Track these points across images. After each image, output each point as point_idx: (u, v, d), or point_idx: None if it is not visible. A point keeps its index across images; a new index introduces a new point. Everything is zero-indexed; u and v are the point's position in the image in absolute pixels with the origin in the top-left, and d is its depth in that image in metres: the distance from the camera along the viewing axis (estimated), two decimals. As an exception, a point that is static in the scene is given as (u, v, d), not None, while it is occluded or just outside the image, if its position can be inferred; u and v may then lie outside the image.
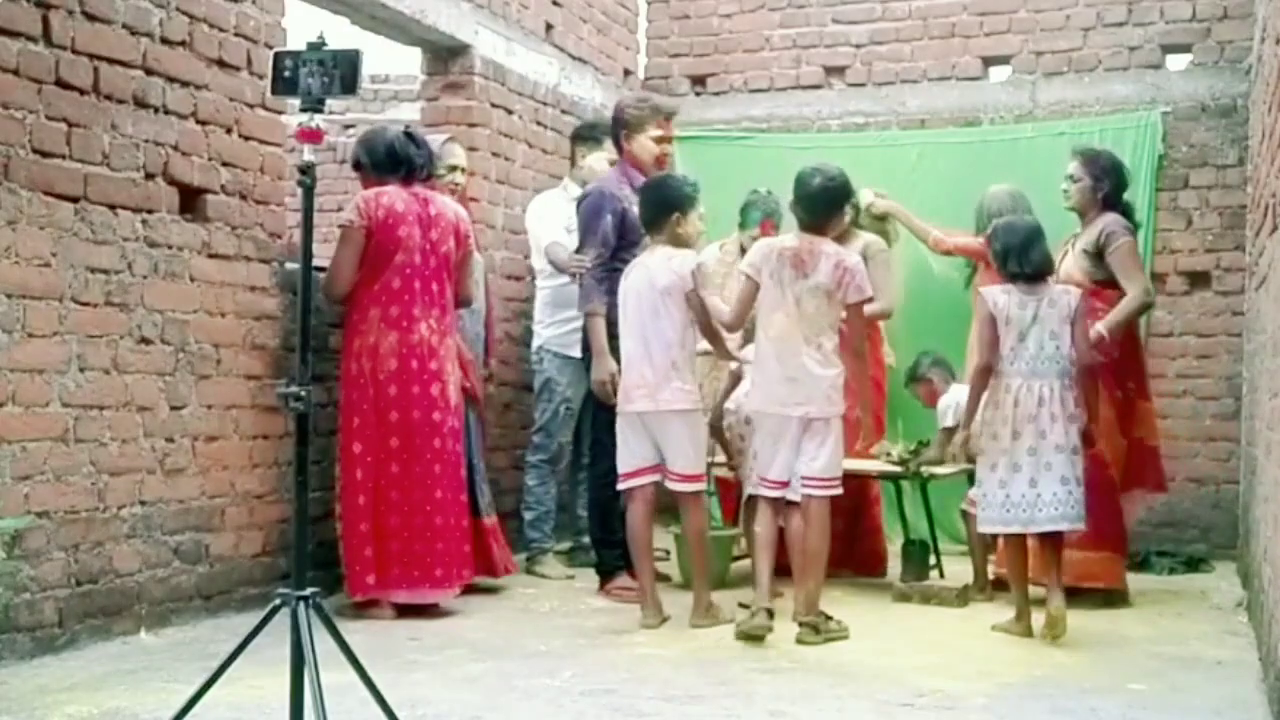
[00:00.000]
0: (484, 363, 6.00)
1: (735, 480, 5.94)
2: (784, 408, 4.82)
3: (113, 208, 4.42)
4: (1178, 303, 7.09)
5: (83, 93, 4.30)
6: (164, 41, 4.62)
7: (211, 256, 4.84)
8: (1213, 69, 7.24)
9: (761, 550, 4.88)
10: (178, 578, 4.70)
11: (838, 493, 4.89)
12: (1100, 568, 5.48)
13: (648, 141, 5.64)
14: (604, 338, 5.37)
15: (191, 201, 4.78)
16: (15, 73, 4.07)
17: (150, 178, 4.58)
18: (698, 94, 8.20)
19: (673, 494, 5.10)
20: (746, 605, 4.87)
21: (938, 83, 7.75)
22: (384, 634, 4.70)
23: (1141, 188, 7.17)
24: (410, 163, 5.20)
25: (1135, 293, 5.52)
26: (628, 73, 8.15)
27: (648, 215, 5.19)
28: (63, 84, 4.23)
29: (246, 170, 5.02)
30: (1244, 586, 5.82)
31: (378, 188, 5.17)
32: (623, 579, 5.53)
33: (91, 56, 4.33)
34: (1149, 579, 6.16)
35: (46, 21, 4.17)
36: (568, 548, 6.55)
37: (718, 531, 6.20)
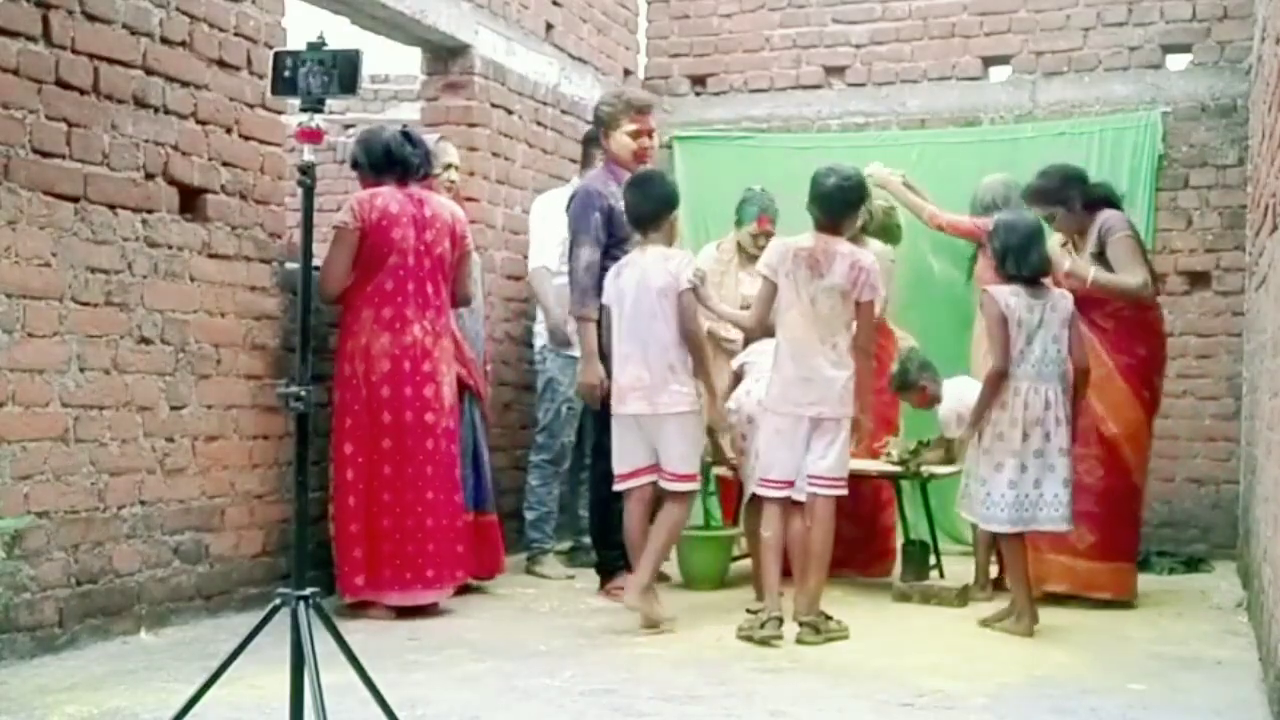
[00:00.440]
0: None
1: (735, 480, 5.94)
2: (797, 407, 4.81)
3: (113, 208, 4.43)
4: (1178, 303, 7.08)
5: (83, 93, 4.30)
6: (164, 41, 4.62)
7: (211, 256, 4.85)
8: (1213, 69, 7.24)
9: (769, 554, 4.86)
10: (178, 578, 4.70)
11: (843, 493, 4.89)
12: (1108, 578, 5.46)
13: (623, 137, 5.60)
14: (595, 342, 5.36)
15: (191, 201, 4.78)
16: (15, 73, 4.07)
17: (150, 178, 4.58)
18: (698, 94, 8.20)
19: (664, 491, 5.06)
20: (754, 611, 4.87)
21: (938, 83, 7.75)
22: (384, 634, 4.70)
23: (1141, 188, 7.18)
24: (406, 163, 5.20)
25: (1135, 280, 5.44)
26: (628, 73, 8.15)
27: (644, 212, 5.09)
28: (63, 84, 4.23)
29: (246, 170, 5.03)
30: (1244, 586, 5.82)
31: (372, 189, 5.17)
32: (623, 579, 5.51)
33: (91, 56, 4.33)
34: (1149, 579, 6.15)
35: (46, 21, 4.17)
36: (568, 548, 6.55)
37: (718, 531, 6.21)
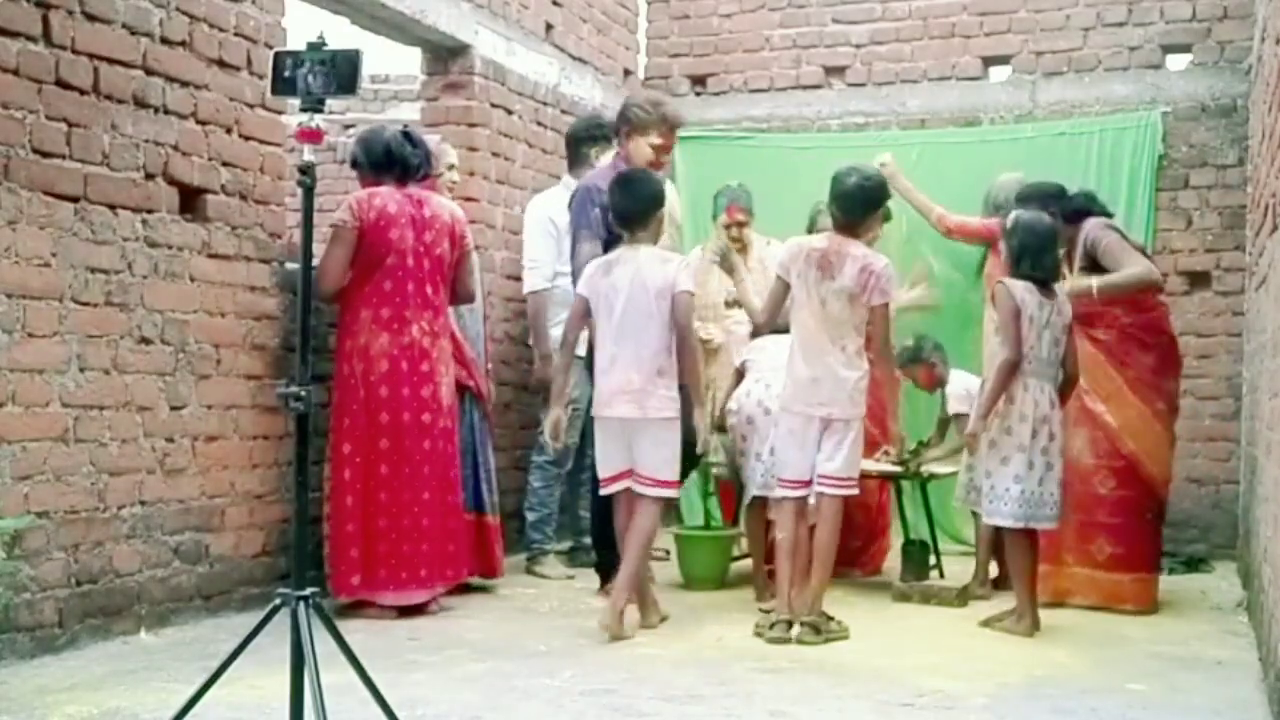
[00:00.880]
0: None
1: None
2: (808, 407, 4.80)
3: (113, 208, 4.42)
4: (1178, 303, 7.06)
5: (83, 93, 4.30)
6: (164, 41, 4.62)
7: (211, 256, 4.84)
8: (1213, 69, 7.24)
9: (785, 557, 4.83)
10: (178, 578, 4.70)
11: (853, 493, 4.88)
12: (1130, 589, 5.41)
13: (646, 146, 5.54)
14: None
15: (191, 201, 4.78)
16: (15, 73, 4.07)
17: (150, 178, 4.58)
18: (698, 94, 8.20)
19: (635, 496, 4.90)
20: (767, 610, 4.85)
21: (938, 83, 7.76)
22: (384, 634, 4.70)
23: (1141, 188, 7.18)
24: (406, 163, 5.20)
25: (1138, 270, 5.41)
26: (628, 73, 8.15)
27: (632, 210, 4.98)
28: (63, 84, 4.23)
29: (246, 170, 5.02)
30: (1244, 586, 5.82)
31: (371, 188, 5.17)
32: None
33: (91, 56, 4.33)
34: (1149, 579, 6.16)
35: (46, 21, 4.17)
36: (568, 548, 6.55)
37: (718, 531, 6.21)
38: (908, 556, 5.91)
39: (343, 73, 3.00)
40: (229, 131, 4.93)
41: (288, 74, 3.02)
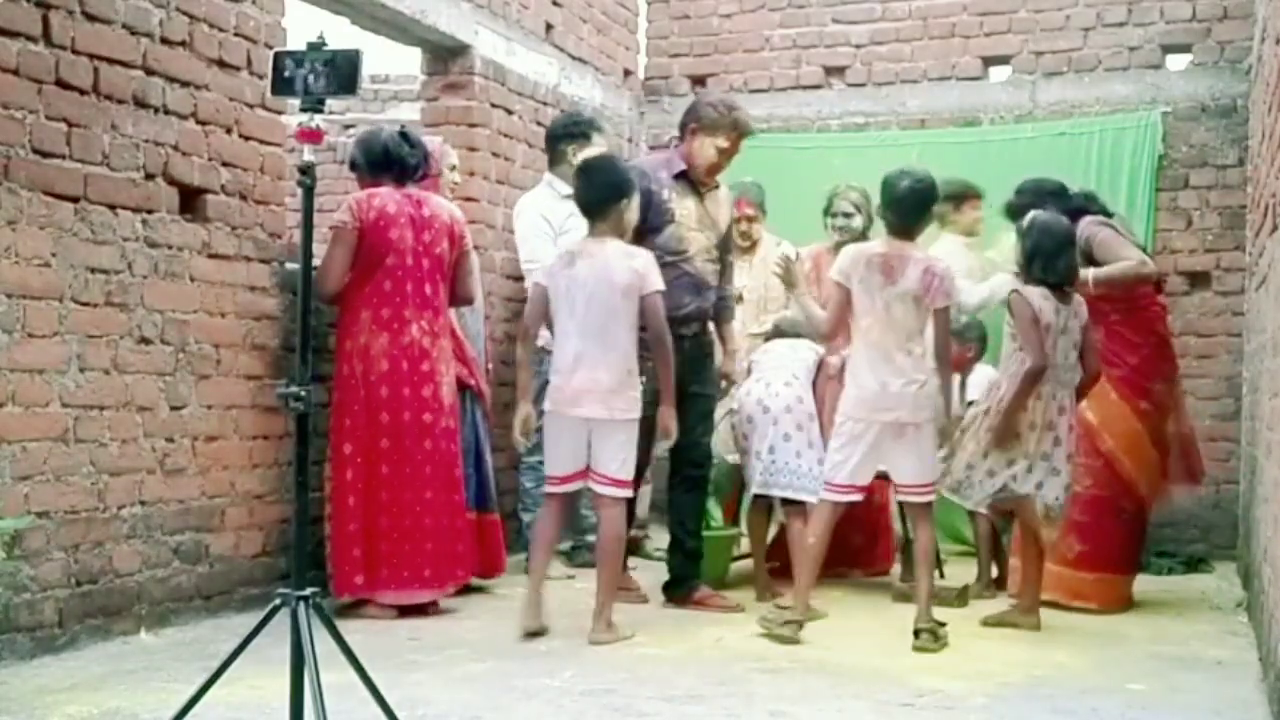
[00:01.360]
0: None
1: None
2: (872, 413, 4.73)
3: (113, 208, 4.42)
4: (1178, 303, 7.07)
5: (83, 93, 4.30)
6: (164, 41, 4.62)
7: (211, 256, 4.84)
8: (1213, 69, 7.24)
9: (811, 560, 4.79)
10: (178, 578, 4.70)
11: (933, 498, 4.86)
12: (1093, 588, 5.41)
13: (711, 147, 5.40)
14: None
15: (191, 201, 4.78)
16: (15, 73, 4.07)
17: (150, 178, 4.57)
18: (698, 94, 8.18)
19: (593, 497, 4.88)
20: (786, 606, 4.82)
21: (938, 83, 7.76)
22: (384, 634, 4.70)
23: (1141, 188, 7.18)
24: (404, 163, 5.20)
25: (1130, 261, 5.41)
26: (628, 73, 8.15)
27: (591, 200, 4.82)
28: (63, 84, 4.22)
29: (246, 170, 5.02)
30: (1244, 586, 5.82)
31: (370, 189, 5.17)
32: (623, 578, 5.51)
33: (91, 56, 4.33)
34: (1149, 579, 6.15)
35: (46, 21, 4.17)
36: (568, 548, 6.54)
37: (718, 531, 6.20)
38: (908, 556, 5.90)
39: (343, 73, 3.00)
40: (229, 131, 4.93)
41: (288, 74, 3.02)
